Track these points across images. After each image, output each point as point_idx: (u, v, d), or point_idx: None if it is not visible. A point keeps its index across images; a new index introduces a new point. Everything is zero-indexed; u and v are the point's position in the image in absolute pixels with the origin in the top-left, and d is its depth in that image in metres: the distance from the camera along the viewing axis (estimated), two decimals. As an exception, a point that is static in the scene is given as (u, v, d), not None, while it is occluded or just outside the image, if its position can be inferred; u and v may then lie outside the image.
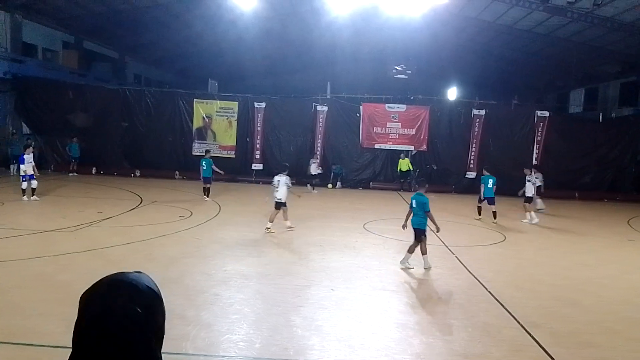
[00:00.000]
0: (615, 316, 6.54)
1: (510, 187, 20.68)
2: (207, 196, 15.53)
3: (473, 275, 8.29)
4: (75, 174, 20.45)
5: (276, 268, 8.24)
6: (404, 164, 21.14)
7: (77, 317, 1.14)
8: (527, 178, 14.54)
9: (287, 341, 5.30)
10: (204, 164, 15.52)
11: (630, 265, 9.59)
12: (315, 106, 21.90)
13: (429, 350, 5.24)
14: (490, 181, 13.82)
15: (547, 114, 21.77)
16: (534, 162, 19.90)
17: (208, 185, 15.64)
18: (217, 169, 15.83)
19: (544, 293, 7.54)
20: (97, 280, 1.19)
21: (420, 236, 8.54)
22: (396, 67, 30.93)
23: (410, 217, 8.72)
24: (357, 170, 22.28)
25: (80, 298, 1.17)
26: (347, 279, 7.79)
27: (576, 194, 21.05)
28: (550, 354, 5.21)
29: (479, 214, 14.43)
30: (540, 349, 5.35)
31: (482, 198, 14.07)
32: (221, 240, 10.10)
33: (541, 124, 21.61)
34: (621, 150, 22.05)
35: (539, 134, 21.64)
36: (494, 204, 13.76)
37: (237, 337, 5.39)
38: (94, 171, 21.30)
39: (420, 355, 5.10)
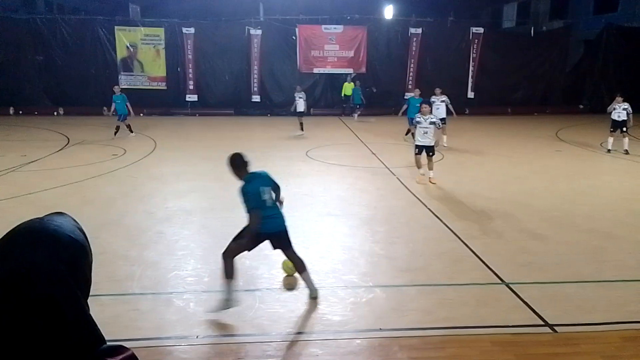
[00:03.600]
0: (546, 223, 6.98)
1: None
2: (132, 131, 14.76)
3: (414, 194, 8.53)
4: (-9, 116, 18.80)
5: (221, 202, 8.08)
6: (349, 88, 20.90)
7: None
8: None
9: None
10: (118, 101, 14.39)
11: (558, 175, 10.19)
12: (249, 30, 20.86)
13: (374, 268, 5.41)
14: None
15: (481, 30, 21.94)
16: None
17: (126, 123, 14.63)
18: (129, 107, 14.62)
19: (481, 206, 7.90)
20: (13, 227, 1.01)
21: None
22: (331, -15, 29.64)
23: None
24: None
25: None
26: (293, 207, 7.77)
27: (509, 109, 21.86)
28: (486, 262, 5.52)
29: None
30: (477, 258, 5.66)
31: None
32: (160, 177, 9.75)
33: (476, 40, 21.81)
34: (551, 64, 22.84)
35: (474, 51, 21.90)
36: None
37: (184, 272, 5.32)
38: (11, 111, 19.67)
39: (366, 274, 5.25)
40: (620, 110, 12.47)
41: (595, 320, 4.22)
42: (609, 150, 12.65)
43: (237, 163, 4.64)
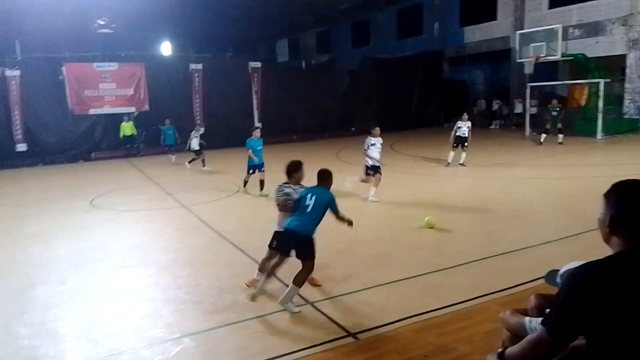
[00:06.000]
0: (337, 238, 7.48)
1: (240, 138, 21.70)
2: None
3: (215, 230, 8.41)
4: None
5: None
6: (128, 128, 19.77)
7: None
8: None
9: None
10: None
11: (340, 193, 11.02)
12: (4, 71, 18.20)
13: (180, 317, 5.10)
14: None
15: (259, 64, 23.18)
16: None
17: None
18: None
19: (280, 232, 8.18)
20: None
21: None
22: (99, 21, 27.89)
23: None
24: (73, 141, 19.82)
25: None
26: (80, 266, 6.91)
27: (294, 137, 23.43)
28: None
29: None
30: (283, 284, 5.79)
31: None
32: None
33: (256, 74, 22.95)
34: (324, 94, 25.33)
35: (255, 85, 22.97)
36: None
37: None
38: None
39: (172, 325, 4.91)
40: (464, 128, 13.83)
41: (387, 320, 4.68)
42: (448, 164, 13.90)
43: (320, 176, 5.72)
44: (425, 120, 27.37)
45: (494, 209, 8.99)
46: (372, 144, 10.06)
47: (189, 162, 15.79)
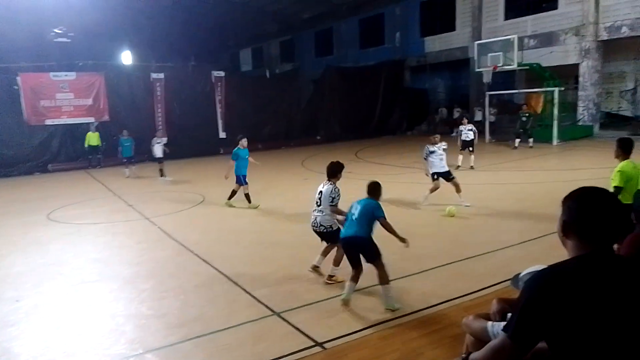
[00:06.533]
0: (303, 247, 7.45)
1: (204, 148, 21.45)
2: None
3: (179, 242, 8.24)
4: None
5: None
6: (94, 138, 19.27)
7: None
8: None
9: (-40, 384, 4.17)
10: None
11: (305, 202, 10.96)
12: (-47, 81, 17.44)
13: (143, 332, 4.96)
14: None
15: (222, 73, 23.01)
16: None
17: None
18: None
19: (247, 241, 8.10)
20: None
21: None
22: (55, 30, 27.12)
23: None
24: (29, 153, 19.12)
25: None
26: (37, 283, 6.63)
27: (259, 146, 23.26)
28: (256, 296, 5.62)
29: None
30: (249, 295, 5.73)
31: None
32: None
33: (219, 83, 22.75)
34: (288, 102, 25.34)
35: (219, 94, 22.77)
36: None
37: None
38: None
39: (134, 341, 4.76)
40: (466, 132, 14.26)
41: (355, 328, 4.68)
42: (457, 167, 13.74)
43: (369, 188, 5.58)
44: (389, 127, 27.73)
45: (457, 214, 9.15)
46: (432, 152, 9.92)
47: (161, 176, 15.39)
